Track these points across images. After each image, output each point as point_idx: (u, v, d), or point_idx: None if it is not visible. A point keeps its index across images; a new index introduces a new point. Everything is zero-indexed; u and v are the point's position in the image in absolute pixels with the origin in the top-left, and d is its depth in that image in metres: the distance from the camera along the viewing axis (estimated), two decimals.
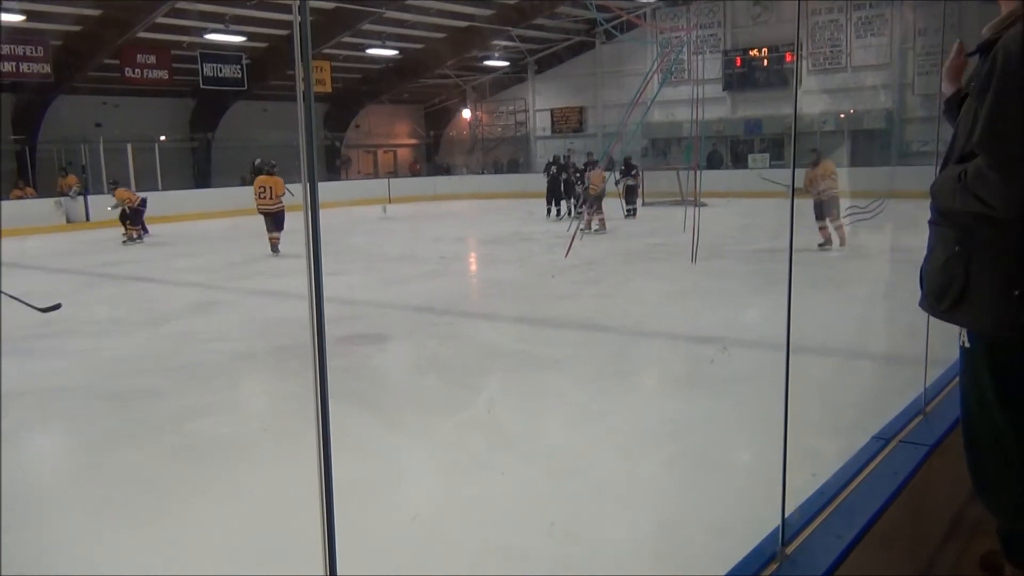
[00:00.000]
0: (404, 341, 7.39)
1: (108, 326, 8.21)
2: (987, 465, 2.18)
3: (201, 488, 4.06)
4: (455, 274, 12.15)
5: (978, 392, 2.13)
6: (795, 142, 17.77)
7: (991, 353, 2.06)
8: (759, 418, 3.82)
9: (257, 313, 8.74)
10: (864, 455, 2.47)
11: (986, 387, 2.09)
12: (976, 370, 2.12)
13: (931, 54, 21.44)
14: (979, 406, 2.14)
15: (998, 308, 1.98)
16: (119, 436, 4.90)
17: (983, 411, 2.12)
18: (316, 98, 23.49)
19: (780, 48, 24.68)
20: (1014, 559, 2.17)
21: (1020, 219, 1.90)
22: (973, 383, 2.15)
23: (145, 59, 21.51)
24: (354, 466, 3.89)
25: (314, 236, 1.14)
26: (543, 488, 3.91)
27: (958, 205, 2.01)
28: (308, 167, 1.14)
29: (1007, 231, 1.95)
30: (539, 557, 3.23)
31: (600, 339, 7.17)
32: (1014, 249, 1.96)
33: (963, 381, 2.21)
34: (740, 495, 3.60)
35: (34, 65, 19.34)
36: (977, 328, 2.07)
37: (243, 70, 23.13)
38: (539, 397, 5.46)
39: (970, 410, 2.19)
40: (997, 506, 2.21)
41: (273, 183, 13.62)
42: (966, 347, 2.12)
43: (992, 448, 2.15)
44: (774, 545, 1.91)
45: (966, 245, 2.02)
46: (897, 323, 6.46)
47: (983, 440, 2.17)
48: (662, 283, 10.10)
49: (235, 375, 6.35)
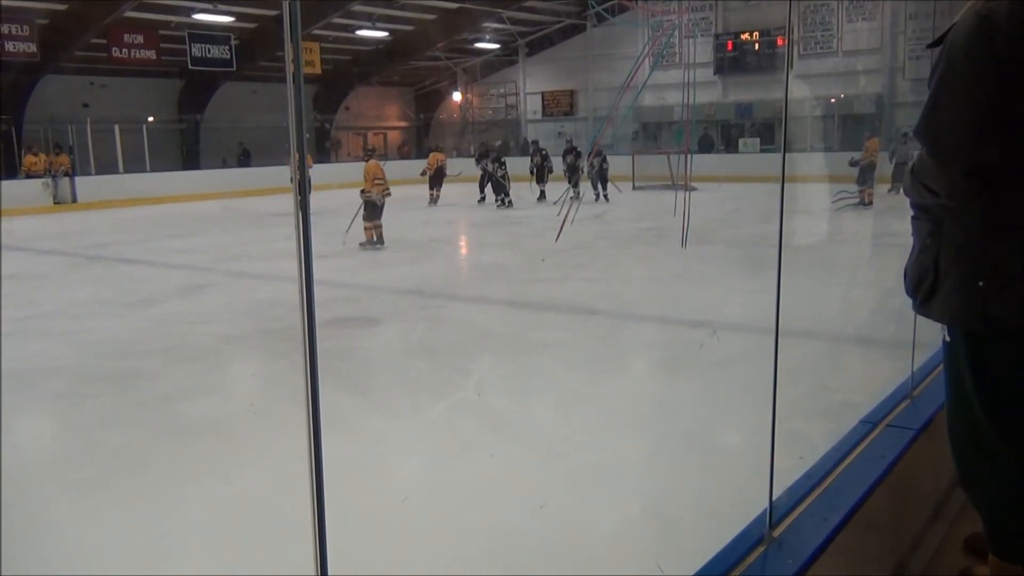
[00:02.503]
0: (394, 324, 7.38)
1: (96, 307, 8.17)
2: (967, 457, 2.19)
3: (190, 469, 4.06)
4: (445, 257, 12.14)
5: (957, 385, 2.12)
6: (786, 126, 17.82)
7: (966, 346, 2.05)
8: (747, 401, 3.84)
9: (246, 295, 8.71)
10: (851, 438, 2.48)
11: (964, 380, 2.08)
12: (954, 363, 2.11)
13: (922, 39, 21.42)
14: (959, 399, 2.13)
15: (964, 300, 1.96)
16: (107, 417, 4.89)
17: (962, 404, 2.12)
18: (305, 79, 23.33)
19: (771, 32, 24.63)
20: (996, 550, 2.17)
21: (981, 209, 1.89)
22: (952, 376, 2.14)
23: (133, 39, 21.29)
24: (344, 448, 3.89)
25: (304, 219, 1.13)
26: (532, 470, 3.93)
27: (913, 196, 2.02)
28: (297, 149, 1.14)
29: (967, 220, 1.93)
30: (528, 539, 3.24)
31: (590, 322, 7.19)
32: (977, 239, 1.94)
33: (944, 374, 2.21)
34: (728, 478, 3.62)
35: (20, 44, 19.12)
36: (947, 321, 2.05)
37: (232, 51, 22.89)
38: (528, 380, 5.48)
39: (951, 403, 2.19)
40: (977, 498, 2.22)
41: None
42: (946, 340, 2.11)
43: (971, 440, 2.15)
44: (761, 528, 1.92)
45: (936, 237, 2.01)
46: (884, 307, 6.49)
47: (963, 433, 2.17)
48: (652, 267, 10.12)
49: (224, 357, 6.33)
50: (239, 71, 23.72)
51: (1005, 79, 1.80)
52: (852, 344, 6.27)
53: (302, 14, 1.14)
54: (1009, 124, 1.81)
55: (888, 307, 6.13)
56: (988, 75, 1.81)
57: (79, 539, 3.37)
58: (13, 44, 19.00)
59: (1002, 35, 1.79)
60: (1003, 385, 2.04)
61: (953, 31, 1.88)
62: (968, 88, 1.84)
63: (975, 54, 1.82)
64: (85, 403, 5.19)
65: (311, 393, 1.15)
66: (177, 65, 23.06)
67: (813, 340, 5.93)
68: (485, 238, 13.88)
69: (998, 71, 1.80)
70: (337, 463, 1.33)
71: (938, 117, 1.88)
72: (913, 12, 22.43)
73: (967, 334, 2.04)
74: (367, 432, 4.46)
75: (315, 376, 1.15)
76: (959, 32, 1.86)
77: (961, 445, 2.19)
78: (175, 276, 10.04)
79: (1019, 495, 2.10)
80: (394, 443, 4.42)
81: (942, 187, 1.90)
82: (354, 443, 4.14)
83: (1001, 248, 1.92)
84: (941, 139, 1.89)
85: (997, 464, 2.11)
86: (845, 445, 2.43)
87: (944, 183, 1.90)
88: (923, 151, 1.94)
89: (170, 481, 3.93)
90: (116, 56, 21.14)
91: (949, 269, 1.98)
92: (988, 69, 1.81)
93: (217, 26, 22.45)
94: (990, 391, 2.05)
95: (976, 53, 1.82)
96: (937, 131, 1.89)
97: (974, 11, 1.85)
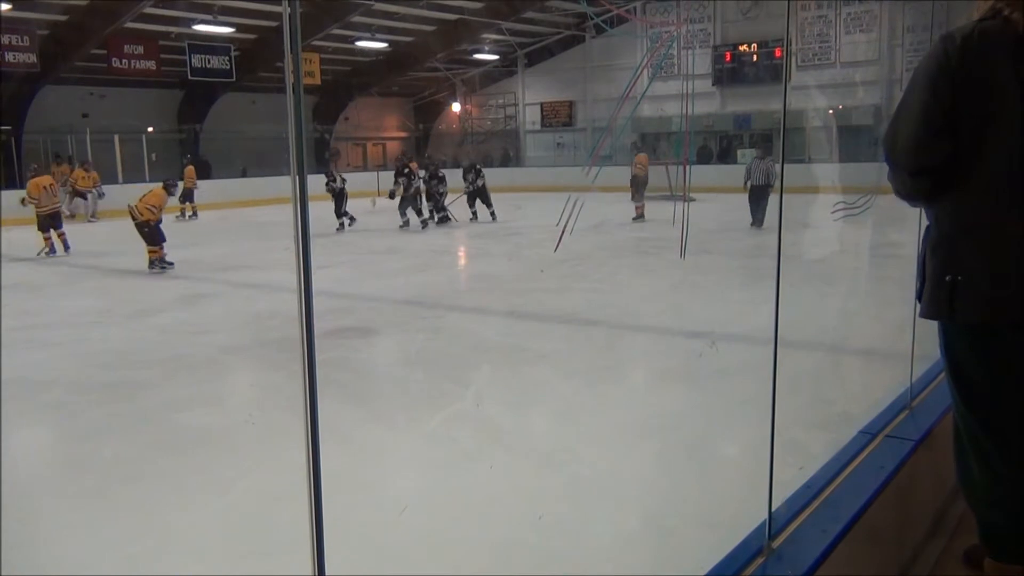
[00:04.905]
0: (392, 335, 7.38)
1: (94, 317, 8.16)
2: (962, 455, 2.23)
3: (187, 480, 4.05)
4: (444, 267, 12.14)
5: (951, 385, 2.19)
6: (784, 137, 17.86)
7: (943, 341, 2.16)
8: (747, 412, 3.83)
9: (244, 306, 8.70)
10: (850, 449, 2.48)
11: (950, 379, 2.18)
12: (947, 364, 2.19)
13: (919, 51, 21.47)
14: (952, 398, 2.20)
15: (936, 295, 2.08)
16: (104, 428, 4.88)
17: (955, 404, 2.20)
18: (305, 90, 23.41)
19: (769, 43, 24.70)
20: (991, 551, 2.21)
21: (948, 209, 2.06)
22: (947, 376, 2.22)
23: (133, 49, 21.32)
24: (342, 459, 3.88)
25: (303, 229, 1.13)
26: (531, 481, 3.92)
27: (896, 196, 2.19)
28: (297, 159, 1.14)
29: (940, 220, 2.09)
30: (527, 550, 3.23)
31: (589, 333, 7.18)
32: (946, 237, 2.07)
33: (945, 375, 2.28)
34: (727, 489, 3.62)
35: (20, 54, 19.15)
36: (924, 315, 2.16)
37: (231, 61, 22.95)
38: (527, 391, 5.47)
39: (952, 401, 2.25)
40: (973, 497, 2.24)
41: None
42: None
43: (966, 437, 2.20)
44: (761, 539, 1.92)
45: (926, 239, 2.15)
46: (884, 318, 6.50)
47: (958, 430, 2.23)
48: (651, 277, 10.12)
49: (222, 367, 6.32)
50: (239, 82, 23.77)
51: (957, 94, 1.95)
52: (851, 355, 6.27)
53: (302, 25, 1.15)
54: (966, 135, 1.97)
55: (887, 318, 6.13)
56: (940, 90, 1.96)
57: (76, 549, 3.36)
58: (14, 55, 19.03)
59: (955, 55, 1.95)
60: (979, 381, 2.12)
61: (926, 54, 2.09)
62: (921, 101, 2.00)
63: (931, 70, 1.99)
64: (83, 413, 5.17)
65: (309, 404, 1.15)
66: (177, 75, 23.09)
67: (812, 351, 5.93)
68: (484, 248, 13.89)
69: (951, 87, 1.95)
70: (335, 474, 1.33)
71: (894, 128, 2.07)
72: (910, 24, 22.50)
73: (947, 331, 2.15)
74: (365, 443, 4.45)
75: (313, 387, 1.15)
76: (926, 53, 2.08)
77: (960, 444, 2.24)
78: (173, 286, 10.04)
79: (1011, 494, 2.12)
80: (392, 454, 4.41)
81: (897, 187, 2.11)
82: (352, 454, 4.13)
83: (965, 245, 2.05)
84: (893, 146, 2.08)
85: (990, 463, 2.14)
86: (844, 456, 2.43)
87: (897, 183, 2.11)
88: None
89: (167, 492, 3.92)
90: (116, 67, 21.17)
91: (929, 266, 2.11)
92: (940, 85, 1.96)
93: (217, 37, 22.50)
94: (967, 387, 2.14)
95: (931, 72, 1.99)
96: (892, 139, 2.08)
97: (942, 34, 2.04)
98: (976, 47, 1.93)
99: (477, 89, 31.87)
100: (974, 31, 1.95)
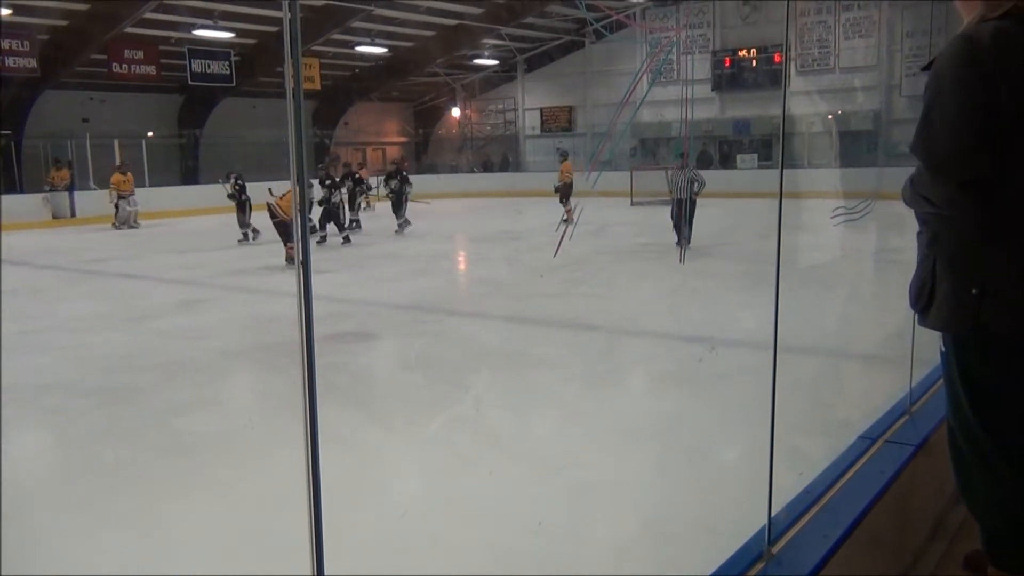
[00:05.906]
0: (392, 339, 7.37)
1: (94, 322, 8.16)
2: (966, 467, 2.20)
3: (187, 484, 4.05)
4: (443, 272, 12.14)
5: (954, 394, 2.14)
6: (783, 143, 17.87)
7: (959, 354, 2.08)
8: (746, 417, 3.83)
9: (244, 310, 8.70)
10: (850, 455, 2.48)
11: (959, 389, 2.11)
12: (951, 372, 2.14)
13: (918, 56, 21.53)
14: (956, 408, 2.15)
15: (957, 307, 2.00)
16: (104, 432, 4.87)
17: (960, 413, 2.14)
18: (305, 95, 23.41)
19: (769, 49, 24.73)
20: (994, 560, 2.18)
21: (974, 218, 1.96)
22: (950, 385, 2.17)
23: (133, 54, 21.35)
24: (342, 463, 3.87)
25: (303, 234, 1.14)
26: (530, 486, 3.91)
27: (914, 207, 2.08)
28: (297, 164, 1.14)
29: (961, 229, 2.00)
30: (527, 555, 3.23)
31: (588, 338, 7.18)
32: (970, 248, 1.99)
33: (944, 385, 2.23)
34: (727, 494, 3.61)
35: (20, 59, 19.17)
36: (941, 328, 2.09)
37: (231, 66, 22.97)
38: (527, 395, 5.47)
39: (950, 412, 2.20)
40: (976, 509, 2.22)
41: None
42: (943, 351, 2.14)
43: (969, 450, 2.16)
44: (760, 544, 1.91)
45: (933, 247, 2.06)
46: (883, 323, 6.49)
47: (961, 442, 2.18)
48: (651, 282, 10.12)
49: (221, 372, 6.32)
50: (239, 87, 23.80)
51: (991, 95, 1.87)
52: (851, 360, 6.27)
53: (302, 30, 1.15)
54: (998, 137, 1.88)
55: (886, 323, 6.13)
56: (975, 91, 1.88)
57: (75, 553, 3.35)
58: (14, 59, 19.05)
59: (987, 54, 1.87)
60: (995, 393, 2.07)
61: (941, 54, 1.98)
62: (957, 104, 1.91)
63: (962, 73, 1.90)
64: (83, 417, 5.17)
65: (309, 408, 1.15)
66: (177, 80, 23.11)
67: (812, 356, 5.93)
68: (483, 253, 13.89)
69: (985, 88, 1.87)
70: (335, 478, 1.33)
71: (931, 133, 1.95)
72: (910, 30, 22.54)
73: (961, 342, 2.07)
74: (365, 447, 4.45)
75: (313, 391, 1.15)
76: (947, 54, 1.95)
77: (960, 455, 2.20)
78: (173, 291, 10.04)
79: (1017, 505, 2.10)
80: (392, 458, 4.41)
81: (938, 198, 1.99)
82: (352, 458, 4.13)
83: (993, 256, 1.97)
84: (935, 153, 1.96)
85: (996, 474, 2.11)
86: (844, 461, 2.43)
87: (940, 194, 1.98)
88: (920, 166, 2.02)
89: (167, 496, 3.91)
90: (116, 71, 21.18)
91: (944, 277, 2.03)
92: (975, 86, 1.88)
93: (217, 42, 22.51)
94: (982, 399, 2.08)
95: (963, 72, 1.90)
96: (931, 146, 1.97)
97: (960, 34, 1.95)
98: (1008, 46, 1.86)
99: (477, 94, 31.90)
100: (999, 30, 1.87)
